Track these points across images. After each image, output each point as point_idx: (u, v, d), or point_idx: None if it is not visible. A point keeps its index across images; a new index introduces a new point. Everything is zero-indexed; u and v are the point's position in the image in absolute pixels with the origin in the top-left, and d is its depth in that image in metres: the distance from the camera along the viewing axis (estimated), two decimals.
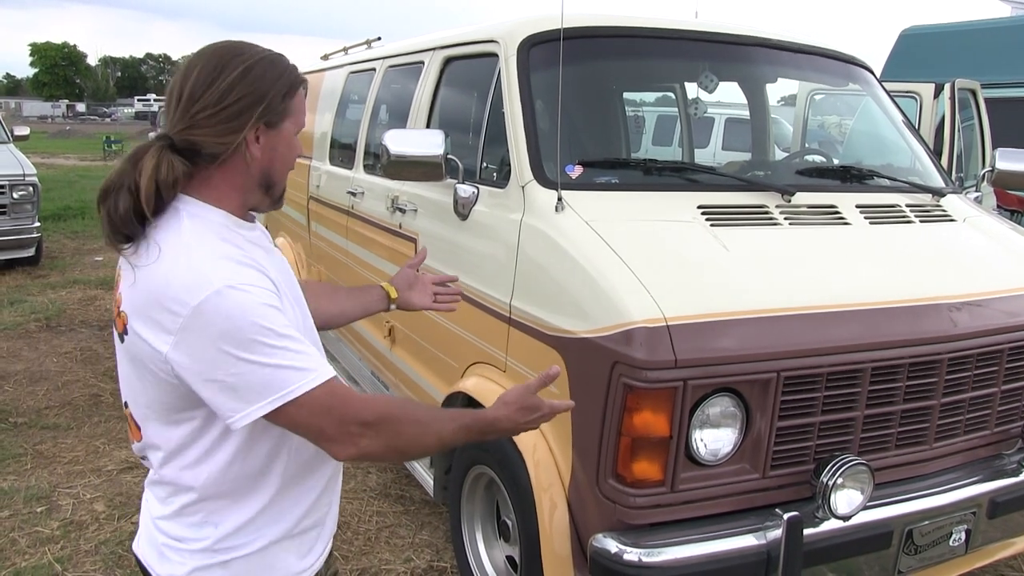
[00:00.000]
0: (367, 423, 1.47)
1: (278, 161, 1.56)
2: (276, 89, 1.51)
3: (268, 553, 1.60)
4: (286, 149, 1.57)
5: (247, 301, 1.39)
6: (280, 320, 1.43)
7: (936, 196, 3.37)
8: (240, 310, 1.38)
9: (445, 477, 3.39)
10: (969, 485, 2.73)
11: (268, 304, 1.42)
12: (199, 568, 1.57)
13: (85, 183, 18.40)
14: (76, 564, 3.55)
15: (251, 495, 1.57)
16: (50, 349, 6.53)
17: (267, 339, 1.39)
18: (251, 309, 1.39)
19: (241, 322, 1.38)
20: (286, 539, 1.62)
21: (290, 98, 1.54)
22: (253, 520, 1.58)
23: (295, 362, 1.42)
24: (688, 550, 2.29)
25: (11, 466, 4.45)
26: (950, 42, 8.62)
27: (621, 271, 2.42)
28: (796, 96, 5.96)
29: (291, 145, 1.57)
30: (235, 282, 1.40)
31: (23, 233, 9.02)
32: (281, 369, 1.40)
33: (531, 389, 1.66)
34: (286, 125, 1.55)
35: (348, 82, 5.19)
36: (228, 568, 1.58)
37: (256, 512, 1.58)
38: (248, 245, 1.53)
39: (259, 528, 1.59)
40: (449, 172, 3.09)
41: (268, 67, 1.51)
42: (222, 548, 1.57)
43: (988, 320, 2.70)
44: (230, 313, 1.37)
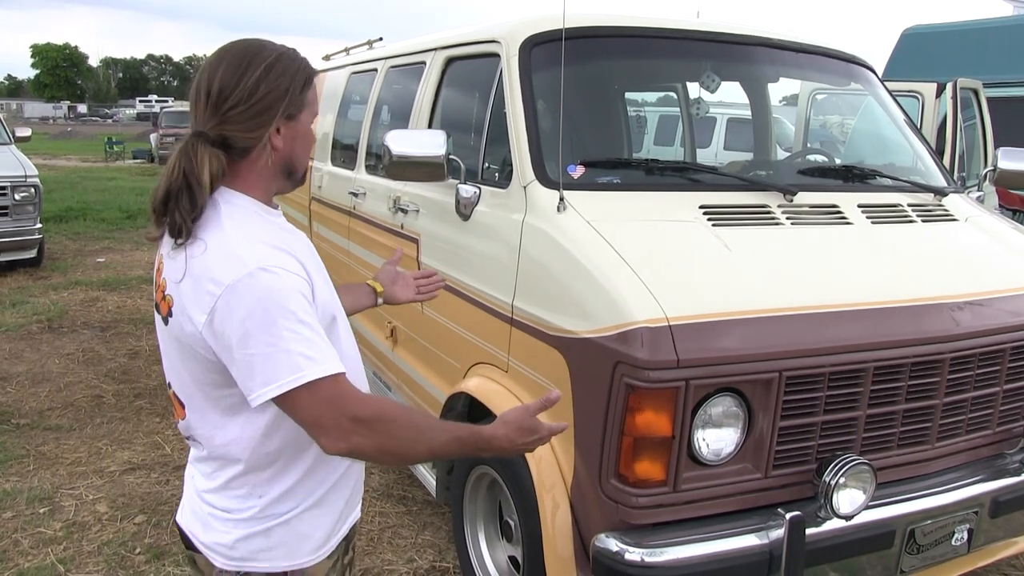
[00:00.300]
0: (361, 420, 1.51)
1: (298, 149, 1.68)
2: (295, 83, 1.62)
3: (303, 521, 1.70)
4: (304, 138, 1.68)
5: (275, 284, 1.48)
6: (304, 307, 1.51)
7: (938, 196, 3.37)
8: (268, 291, 1.47)
9: (447, 477, 3.39)
10: (971, 484, 2.73)
11: (296, 289, 1.51)
12: (243, 536, 1.68)
13: (87, 184, 18.45)
14: (79, 565, 3.55)
15: (291, 466, 1.67)
16: (52, 350, 6.53)
17: (287, 322, 1.47)
18: (278, 291, 1.48)
19: (268, 303, 1.47)
20: (316, 507, 1.71)
21: (307, 90, 1.65)
22: (293, 490, 1.68)
23: (308, 351, 1.48)
24: (690, 550, 2.30)
25: (14, 467, 4.46)
26: (952, 41, 8.60)
27: (623, 271, 2.42)
28: (798, 96, 5.95)
29: (308, 134, 1.69)
30: (267, 264, 1.49)
31: (25, 234, 9.03)
32: (294, 355, 1.47)
33: (531, 411, 1.67)
34: (303, 116, 1.66)
35: (350, 83, 5.19)
36: (269, 535, 1.68)
37: (295, 482, 1.68)
38: (276, 229, 1.63)
39: (297, 498, 1.69)
40: (451, 172, 3.09)
41: (288, 63, 1.62)
42: (264, 516, 1.67)
43: (990, 320, 2.70)
44: (259, 294, 1.47)
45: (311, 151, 1.72)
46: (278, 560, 1.69)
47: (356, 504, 1.88)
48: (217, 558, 1.69)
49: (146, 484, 4.29)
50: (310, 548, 1.72)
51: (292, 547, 1.70)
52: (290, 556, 1.70)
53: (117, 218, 13.53)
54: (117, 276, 9.24)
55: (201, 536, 1.72)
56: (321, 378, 1.48)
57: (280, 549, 1.69)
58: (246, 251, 1.51)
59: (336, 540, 1.79)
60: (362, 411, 1.52)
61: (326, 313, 1.63)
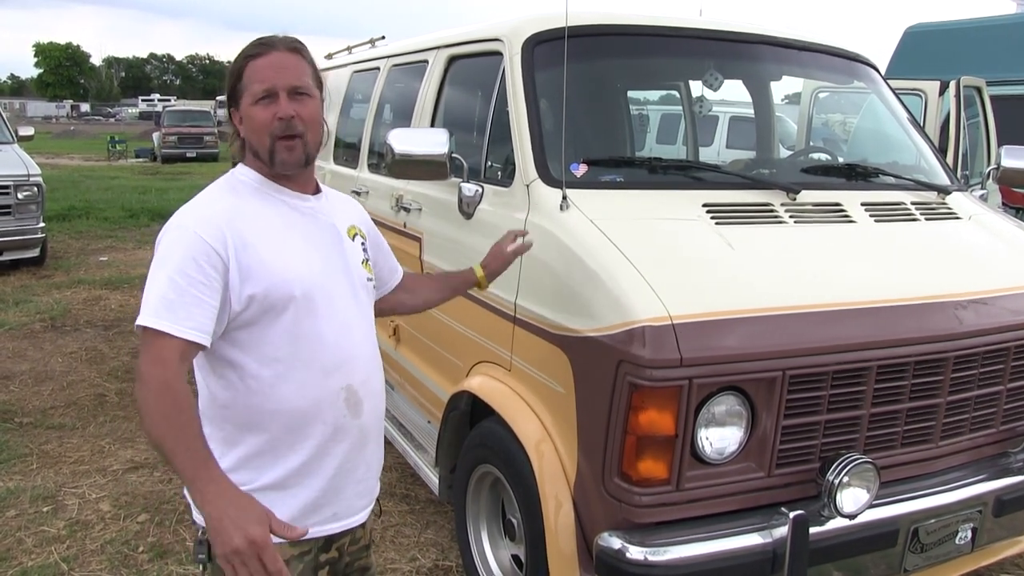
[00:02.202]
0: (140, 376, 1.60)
1: (249, 133, 1.81)
2: (231, 77, 1.81)
3: (263, 496, 1.68)
4: (247, 120, 1.80)
5: (180, 238, 1.67)
6: (189, 266, 1.63)
7: (941, 194, 3.36)
8: (171, 243, 1.67)
9: (450, 476, 3.39)
10: (975, 483, 2.72)
11: (189, 249, 1.65)
12: None
13: (90, 183, 18.45)
14: (82, 563, 3.55)
15: (246, 432, 1.77)
16: (55, 349, 6.54)
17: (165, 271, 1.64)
18: (174, 244, 1.67)
19: (163, 251, 1.67)
20: (276, 489, 1.78)
21: (239, 79, 1.79)
22: (249, 461, 1.77)
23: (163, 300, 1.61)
24: (694, 549, 2.29)
25: (17, 466, 4.46)
26: (955, 39, 8.59)
27: (626, 270, 2.42)
28: (801, 94, 5.95)
29: (249, 116, 1.79)
30: (183, 223, 1.70)
31: (28, 233, 9.03)
32: (152, 296, 1.63)
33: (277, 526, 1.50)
34: (243, 102, 1.79)
35: (352, 81, 5.19)
36: None
37: (251, 452, 1.77)
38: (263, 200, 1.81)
39: (253, 471, 1.77)
40: (453, 171, 3.08)
41: (234, 61, 1.83)
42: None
43: (994, 318, 2.69)
44: (167, 243, 1.68)
45: (261, 130, 1.77)
46: None
47: (351, 510, 1.91)
48: (194, 513, 1.80)
49: (149, 483, 4.29)
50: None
51: None
52: None
53: (120, 217, 13.53)
54: (120, 275, 9.25)
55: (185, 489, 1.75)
56: (153, 328, 1.60)
57: None
58: (185, 210, 1.74)
59: (311, 533, 1.78)
60: (148, 369, 1.59)
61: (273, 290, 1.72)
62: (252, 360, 1.75)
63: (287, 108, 1.75)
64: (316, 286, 1.78)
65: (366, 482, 1.95)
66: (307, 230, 1.84)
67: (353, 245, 1.96)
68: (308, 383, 1.78)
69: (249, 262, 1.70)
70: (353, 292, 1.89)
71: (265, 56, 1.77)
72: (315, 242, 1.84)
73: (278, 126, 1.75)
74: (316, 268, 1.80)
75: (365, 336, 1.92)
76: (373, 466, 1.98)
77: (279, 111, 1.75)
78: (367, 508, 1.98)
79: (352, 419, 1.86)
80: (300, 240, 1.81)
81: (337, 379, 1.82)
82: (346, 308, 1.86)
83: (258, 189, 1.82)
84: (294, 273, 1.75)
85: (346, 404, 1.84)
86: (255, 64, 1.77)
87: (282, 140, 1.77)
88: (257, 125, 1.77)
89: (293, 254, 1.77)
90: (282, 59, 1.78)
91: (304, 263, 1.78)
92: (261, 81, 1.75)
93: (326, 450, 1.82)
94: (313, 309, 1.77)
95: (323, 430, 1.81)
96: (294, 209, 1.84)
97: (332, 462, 1.83)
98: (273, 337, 1.74)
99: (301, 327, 1.76)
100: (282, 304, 1.73)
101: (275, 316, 1.73)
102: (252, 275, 1.70)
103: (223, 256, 1.67)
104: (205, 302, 1.64)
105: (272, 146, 1.77)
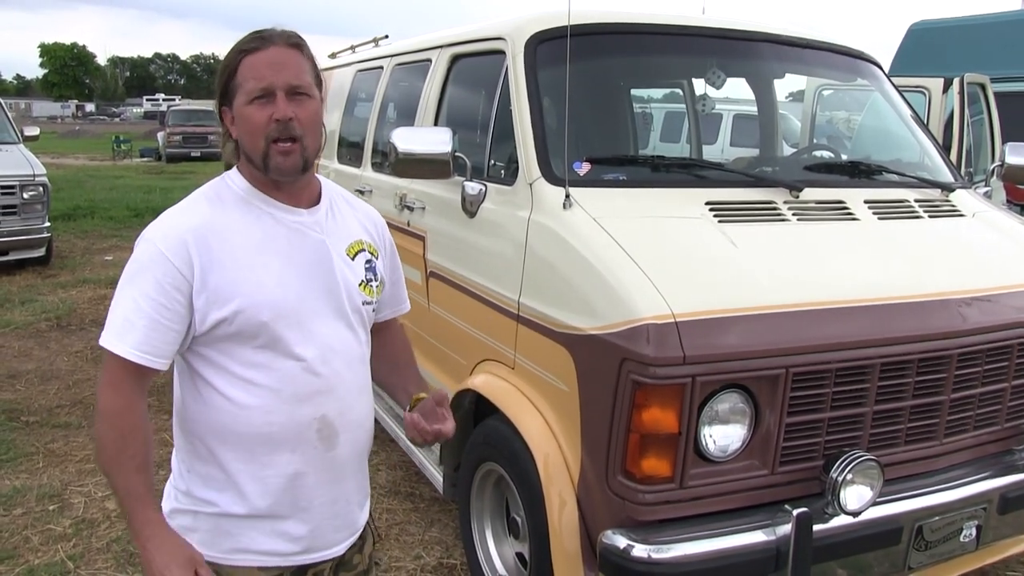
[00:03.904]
0: (98, 406, 1.61)
1: (242, 134, 1.67)
2: (223, 73, 1.67)
3: (230, 521, 1.70)
4: (240, 121, 1.66)
5: (146, 254, 1.60)
6: (148, 284, 1.58)
7: (945, 191, 3.36)
8: (138, 258, 1.61)
9: (454, 474, 3.40)
10: (979, 481, 2.72)
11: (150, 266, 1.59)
12: (176, 510, 1.75)
13: (95, 183, 18.48)
14: (88, 561, 3.57)
15: (212, 451, 1.69)
16: (61, 348, 6.56)
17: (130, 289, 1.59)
18: (142, 261, 1.60)
19: (131, 267, 1.61)
20: (252, 516, 1.70)
21: (233, 76, 1.65)
22: (216, 480, 1.70)
23: (123, 323, 1.58)
24: (697, 546, 2.30)
25: (23, 464, 4.48)
26: (959, 36, 8.57)
27: (629, 268, 2.42)
28: (804, 92, 5.94)
29: (242, 116, 1.65)
30: (150, 236, 1.62)
31: (33, 233, 9.06)
32: (114, 316, 1.59)
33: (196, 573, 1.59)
34: (236, 101, 1.65)
35: (356, 80, 5.20)
36: (196, 519, 1.72)
37: (218, 471, 1.70)
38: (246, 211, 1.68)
39: (222, 491, 1.70)
40: (457, 170, 3.09)
41: (226, 56, 1.68)
42: (194, 497, 1.72)
43: (998, 315, 2.69)
44: (133, 257, 1.62)
45: (255, 133, 1.63)
46: (197, 544, 1.68)
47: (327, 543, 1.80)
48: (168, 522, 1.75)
49: (155, 481, 4.29)
50: (231, 547, 1.71)
51: (213, 537, 1.71)
52: (208, 545, 1.70)
53: (125, 216, 13.55)
54: None
55: (163, 501, 1.79)
56: (110, 350, 1.58)
57: (202, 534, 1.71)
58: (159, 222, 1.65)
59: (278, 561, 1.73)
60: (102, 395, 1.59)
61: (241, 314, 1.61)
62: (219, 378, 1.66)
63: (285, 109, 1.60)
64: (289, 310, 1.65)
65: (344, 516, 1.82)
66: (290, 247, 1.69)
67: (351, 264, 1.78)
68: (276, 410, 1.66)
69: (217, 283, 1.59)
70: (339, 315, 1.74)
71: (262, 51, 1.62)
72: (296, 261, 1.68)
73: (274, 128, 1.60)
74: (292, 291, 1.66)
75: (350, 363, 1.76)
76: (353, 499, 1.85)
77: (276, 112, 1.60)
78: (348, 540, 1.85)
79: (325, 451, 1.73)
80: (279, 259, 1.67)
81: (309, 409, 1.69)
82: (328, 333, 1.71)
83: (244, 199, 1.68)
84: (264, 296, 1.62)
85: (318, 435, 1.71)
86: (251, 60, 1.62)
87: (277, 144, 1.62)
88: (251, 127, 1.62)
89: (267, 274, 1.64)
90: (281, 55, 1.62)
91: (278, 285, 1.64)
92: (257, 79, 1.61)
93: (294, 482, 1.71)
94: (285, 335, 1.64)
95: (290, 459, 1.69)
96: (279, 223, 1.69)
97: (302, 494, 1.72)
98: (242, 357, 1.64)
99: (271, 352, 1.65)
100: (251, 329, 1.62)
101: (243, 340, 1.63)
102: (219, 297, 1.60)
103: (187, 277, 1.58)
104: (165, 326, 1.57)
105: (267, 150, 1.62)
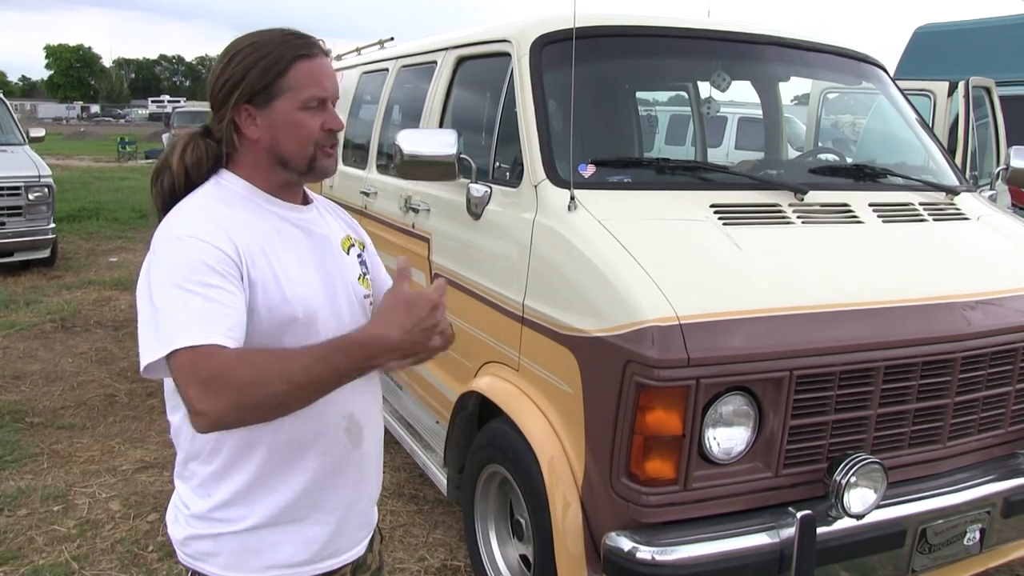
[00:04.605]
0: (203, 382, 1.36)
1: (281, 138, 1.61)
2: (256, 71, 1.58)
3: (257, 536, 1.63)
4: (286, 125, 1.60)
5: (186, 248, 1.47)
6: (206, 274, 1.45)
7: (950, 194, 3.35)
8: (175, 255, 1.47)
9: (459, 476, 3.40)
10: (983, 484, 2.71)
11: (202, 255, 1.47)
12: (192, 536, 1.64)
13: (100, 184, 18.51)
14: (92, 562, 3.57)
15: (238, 465, 1.60)
16: (65, 349, 6.57)
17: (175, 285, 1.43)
18: (182, 255, 1.47)
19: (168, 267, 1.46)
20: (281, 523, 1.64)
21: (279, 76, 1.59)
22: (244, 496, 1.61)
23: (186, 318, 1.41)
24: (701, 548, 2.30)
25: (28, 465, 4.49)
26: (965, 40, 8.56)
27: (634, 270, 2.42)
28: (809, 95, 5.94)
29: (292, 121, 1.60)
30: (187, 233, 1.49)
31: (38, 234, 9.08)
32: (169, 322, 1.41)
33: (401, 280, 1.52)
34: (280, 103, 1.59)
35: (361, 82, 5.21)
36: (218, 542, 1.62)
37: (245, 486, 1.61)
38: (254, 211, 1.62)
39: (250, 504, 1.62)
40: (462, 172, 3.09)
41: (251, 52, 1.60)
42: (214, 519, 1.62)
43: (1002, 319, 2.69)
44: (170, 258, 1.48)
45: (305, 139, 1.61)
46: (222, 569, 1.63)
47: (351, 544, 1.77)
48: (177, 551, 1.68)
49: (159, 482, 4.31)
50: (262, 565, 1.64)
51: (241, 558, 1.63)
52: (233, 567, 1.63)
53: (130, 218, 13.58)
54: (130, 275, 9.27)
55: (169, 528, 1.71)
56: (179, 349, 1.38)
57: (227, 557, 1.63)
58: (183, 221, 1.53)
59: (307, 571, 1.69)
60: (203, 372, 1.36)
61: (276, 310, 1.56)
62: None
63: (338, 121, 1.65)
64: (318, 306, 1.63)
65: (365, 514, 1.82)
66: (302, 244, 1.68)
67: (348, 259, 1.79)
68: (307, 411, 1.54)
69: (256, 277, 1.55)
70: (351, 310, 1.72)
71: (317, 59, 1.62)
72: (311, 258, 1.67)
73: (323, 137, 1.62)
74: (315, 287, 1.64)
75: None
76: (374, 496, 1.85)
77: (329, 122, 1.62)
78: (367, 539, 1.84)
79: (353, 449, 1.72)
80: (296, 256, 1.64)
81: (337, 407, 1.66)
82: (347, 328, 1.63)
83: (248, 198, 1.64)
84: (296, 292, 1.60)
85: (347, 434, 1.70)
86: (307, 65, 1.60)
87: (324, 149, 1.64)
88: (304, 133, 1.61)
89: (294, 271, 1.62)
90: (328, 65, 1.65)
91: (303, 282, 1.62)
92: (318, 88, 1.60)
93: (324, 483, 1.68)
94: (314, 332, 1.60)
95: (322, 462, 1.66)
96: (287, 221, 1.67)
97: (331, 495, 1.69)
98: None
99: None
100: (282, 326, 1.57)
101: (273, 339, 1.57)
102: (258, 291, 1.54)
103: (237, 263, 1.51)
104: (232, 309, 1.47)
105: (315, 154, 1.63)
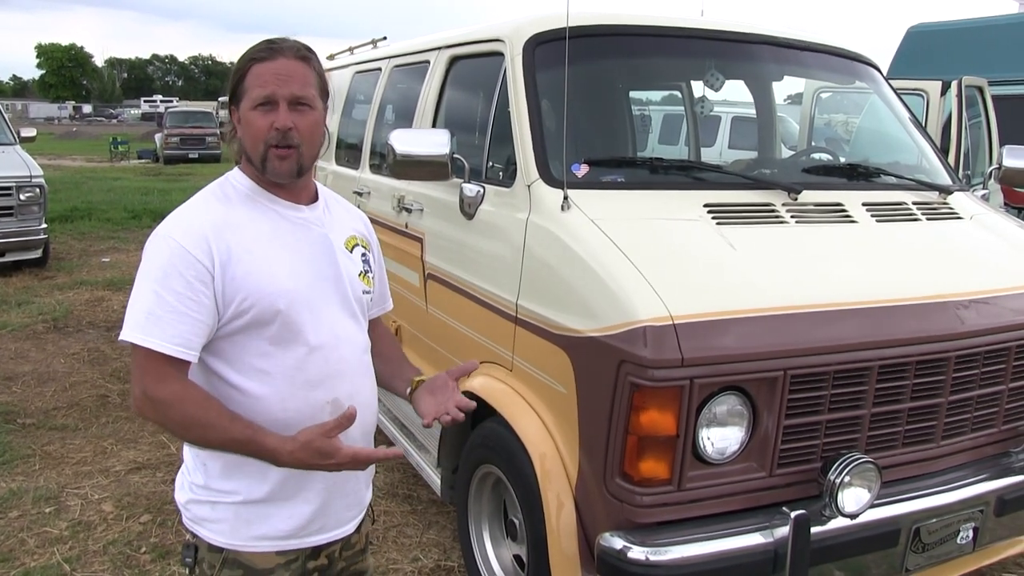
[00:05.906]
0: (150, 398, 1.63)
1: (245, 137, 1.76)
2: (233, 77, 1.76)
3: (250, 510, 1.77)
4: (245, 125, 1.75)
5: (165, 249, 1.67)
6: (174, 279, 1.64)
7: (943, 194, 3.36)
8: (156, 254, 1.67)
9: (452, 476, 3.39)
10: (977, 483, 2.72)
11: (174, 261, 1.65)
12: (194, 500, 1.81)
13: (92, 184, 18.47)
14: (84, 564, 3.56)
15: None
16: (57, 350, 6.55)
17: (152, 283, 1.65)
18: (161, 255, 1.66)
19: (149, 262, 1.68)
20: (270, 500, 1.77)
21: (241, 81, 1.74)
22: (234, 470, 1.75)
23: (148, 315, 1.63)
24: (695, 548, 2.29)
25: (19, 467, 4.47)
26: (957, 39, 8.59)
27: (627, 270, 2.42)
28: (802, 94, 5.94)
29: (247, 121, 1.74)
30: (168, 232, 1.68)
31: (30, 234, 9.05)
32: (138, 313, 1.64)
33: (326, 430, 1.64)
34: (243, 104, 1.75)
35: (354, 82, 5.20)
36: (215, 509, 1.79)
37: (235, 463, 1.73)
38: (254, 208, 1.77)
39: (239, 481, 1.76)
40: (455, 171, 3.09)
41: (238, 60, 1.77)
42: (210, 490, 1.78)
43: (995, 318, 2.69)
44: (151, 254, 1.69)
45: (256, 137, 1.73)
46: (216, 534, 1.78)
47: (340, 522, 1.89)
48: (181, 512, 1.84)
49: (151, 483, 4.30)
50: (253, 535, 1.78)
51: (233, 526, 1.77)
52: (229, 534, 1.78)
53: (122, 218, 13.55)
54: (122, 276, 9.25)
55: (176, 492, 1.87)
56: (141, 345, 1.62)
57: (222, 524, 1.78)
58: (172, 219, 1.72)
59: (295, 543, 1.81)
60: (154, 392, 1.63)
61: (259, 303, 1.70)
62: (233, 371, 1.73)
63: (285, 119, 1.71)
64: (302, 299, 1.75)
65: (354, 495, 1.92)
66: (297, 241, 1.80)
67: (351, 256, 1.91)
68: (291, 396, 1.75)
69: (235, 274, 1.68)
70: (344, 304, 1.85)
71: (271, 61, 1.72)
72: (304, 253, 1.80)
73: (273, 135, 1.71)
74: (303, 280, 1.77)
75: (355, 349, 1.87)
76: (362, 479, 1.95)
77: (277, 121, 1.70)
78: (357, 518, 1.96)
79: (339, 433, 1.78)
80: (288, 251, 1.77)
81: (322, 393, 1.78)
82: (335, 320, 1.82)
83: (249, 196, 1.79)
84: (280, 286, 1.72)
85: (331, 417, 1.75)
86: (259, 68, 1.72)
87: (276, 149, 1.72)
88: (253, 131, 1.72)
89: (280, 266, 1.74)
90: (288, 66, 1.72)
91: (290, 275, 1.74)
92: (262, 86, 1.70)
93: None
94: (298, 322, 1.74)
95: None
96: (284, 218, 1.80)
97: (318, 476, 1.79)
98: (255, 349, 1.73)
99: (285, 340, 1.73)
100: (267, 317, 1.71)
101: (259, 328, 1.71)
102: (238, 288, 1.68)
103: (209, 270, 1.65)
104: (192, 317, 1.64)
105: (265, 153, 1.73)
